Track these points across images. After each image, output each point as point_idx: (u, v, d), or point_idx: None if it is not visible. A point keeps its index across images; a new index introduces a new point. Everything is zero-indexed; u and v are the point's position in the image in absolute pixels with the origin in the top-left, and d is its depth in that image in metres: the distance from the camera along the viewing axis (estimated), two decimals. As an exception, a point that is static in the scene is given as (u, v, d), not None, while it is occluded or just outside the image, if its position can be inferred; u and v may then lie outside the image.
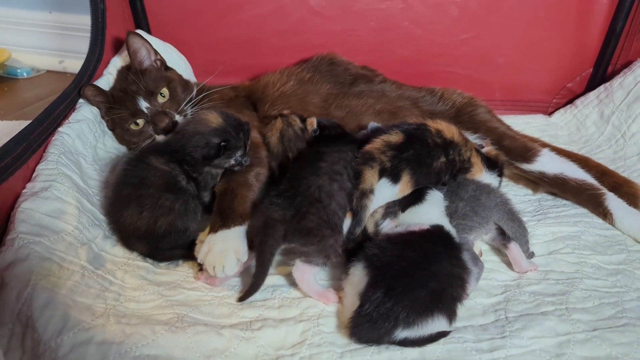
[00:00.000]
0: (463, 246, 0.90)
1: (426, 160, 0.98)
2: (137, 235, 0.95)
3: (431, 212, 0.93)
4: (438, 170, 0.99)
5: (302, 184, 0.94)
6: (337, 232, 0.92)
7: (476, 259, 0.94)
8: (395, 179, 0.96)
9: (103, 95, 1.21)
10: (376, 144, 0.99)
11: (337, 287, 0.92)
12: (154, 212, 0.95)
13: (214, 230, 0.93)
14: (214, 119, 1.03)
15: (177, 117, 1.19)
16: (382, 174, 0.95)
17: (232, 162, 1.03)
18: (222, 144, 0.99)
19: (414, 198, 0.96)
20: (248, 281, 0.91)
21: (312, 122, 1.13)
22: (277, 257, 0.95)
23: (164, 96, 1.21)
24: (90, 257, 0.89)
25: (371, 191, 0.94)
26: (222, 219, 0.95)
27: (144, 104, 1.18)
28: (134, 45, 1.23)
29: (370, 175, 0.95)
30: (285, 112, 1.20)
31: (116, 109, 1.19)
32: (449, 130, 1.03)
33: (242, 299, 0.89)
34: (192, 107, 1.24)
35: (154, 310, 0.84)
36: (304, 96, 1.30)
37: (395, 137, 0.99)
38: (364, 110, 1.29)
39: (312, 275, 0.90)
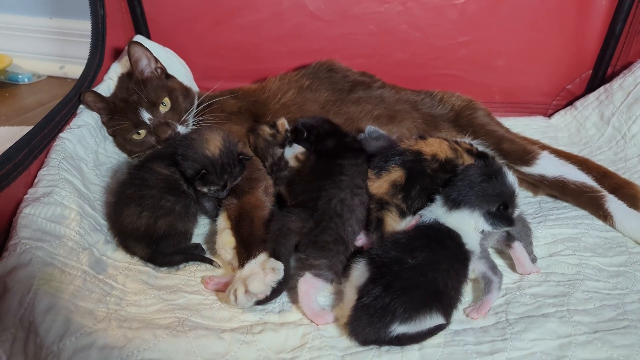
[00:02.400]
0: (474, 256, 0.89)
1: (433, 190, 0.97)
2: (136, 236, 0.96)
3: (461, 223, 0.90)
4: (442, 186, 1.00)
5: (323, 195, 0.94)
6: (349, 249, 0.92)
7: (495, 268, 0.93)
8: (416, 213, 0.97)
9: (103, 102, 1.22)
10: (382, 187, 0.99)
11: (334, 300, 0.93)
12: (154, 212, 0.96)
13: (241, 264, 0.92)
14: (212, 146, 1.03)
15: (180, 128, 1.19)
16: (403, 214, 0.97)
17: (205, 190, 1.03)
18: (202, 171, 0.99)
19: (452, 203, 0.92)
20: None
21: (283, 123, 1.14)
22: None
23: (165, 106, 1.21)
24: (91, 262, 0.90)
25: None
26: (246, 250, 0.93)
27: (146, 115, 1.18)
28: (135, 55, 1.22)
29: (391, 220, 0.96)
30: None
31: (118, 119, 1.19)
32: (441, 149, 1.02)
33: (261, 302, 0.88)
34: (194, 117, 1.24)
35: (155, 315, 0.85)
36: (302, 104, 1.31)
37: (395, 174, 0.99)
38: (362, 116, 1.29)
39: (316, 291, 0.89)
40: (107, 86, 1.29)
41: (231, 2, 1.53)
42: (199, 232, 1.11)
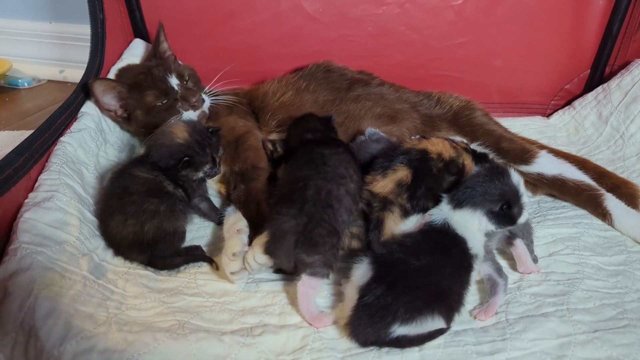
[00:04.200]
0: (477, 260, 0.89)
1: (438, 190, 0.98)
2: (126, 244, 0.96)
3: (465, 222, 0.91)
4: (449, 189, 1.00)
5: (310, 185, 0.93)
6: (340, 240, 0.92)
7: (500, 270, 0.94)
8: (424, 211, 0.97)
9: (117, 84, 1.22)
10: (387, 186, 0.98)
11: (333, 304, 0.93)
12: (138, 218, 0.95)
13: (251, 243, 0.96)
14: (179, 132, 1.04)
15: (205, 97, 1.24)
16: (406, 214, 0.97)
17: (201, 174, 1.05)
18: (185, 159, 1.01)
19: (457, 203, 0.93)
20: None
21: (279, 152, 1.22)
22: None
23: (187, 81, 1.26)
24: (91, 268, 0.90)
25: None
26: (254, 229, 0.98)
27: (174, 82, 1.22)
28: (160, 37, 1.34)
29: (391, 222, 0.96)
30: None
31: (138, 92, 1.21)
32: (445, 148, 1.02)
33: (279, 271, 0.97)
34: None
35: (156, 318, 0.85)
36: (301, 105, 1.32)
37: (401, 174, 0.98)
38: (363, 114, 1.29)
39: (315, 292, 0.89)
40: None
41: (230, 5, 1.54)
42: (199, 235, 1.11)
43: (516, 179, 0.92)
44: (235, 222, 1.00)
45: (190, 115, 1.21)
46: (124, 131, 1.33)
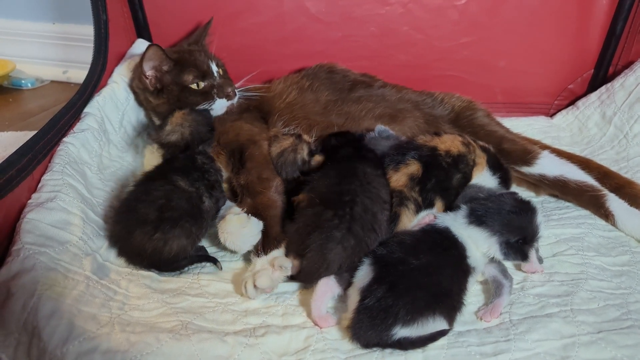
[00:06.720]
0: (475, 272, 0.90)
1: (447, 183, 1.03)
2: (142, 256, 0.94)
3: (472, 240, 0.91)
4: (457, 185, 1.05)
5: (357, 203, 0.91)
6: None
7: (505, 271, 0.94)
8: (430, 206, 1.01)
9: (166, 58, 1.21)
10: (401, 180, 1.01)
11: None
12: (166, 234, 0.92)
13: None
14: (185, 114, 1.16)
15: (236, 92, 1.27)
16: (418, 210, 1.00)
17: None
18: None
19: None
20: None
21: (318, 160, 1.13)
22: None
23: (222, 72, 1.30)
24: (94, 268, 0.90)
25: None
26: (259, 248, 0.97)
27: (215, 69, 1.26)
28: (208, 30, 1.40)
29: (406, 218, 0.98)
30: (305, 137, 1.18)
31: (181, 67, 1.22)
32: (454, 145, 1.06)
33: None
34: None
35: (159, 318, 0.85)
36: (304, 104, 1.32)
37: (413, 168, 1.02)
38: (364, 114, 1.29)
39: (331, 295, 0.89)
40: (111, 90, 1.30)
41: (233, 6, 1.54)
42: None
43: (540, 220, 0.93)
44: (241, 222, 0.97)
45: (222, 104, 1.24)
46: (139, 104, 1.35)
